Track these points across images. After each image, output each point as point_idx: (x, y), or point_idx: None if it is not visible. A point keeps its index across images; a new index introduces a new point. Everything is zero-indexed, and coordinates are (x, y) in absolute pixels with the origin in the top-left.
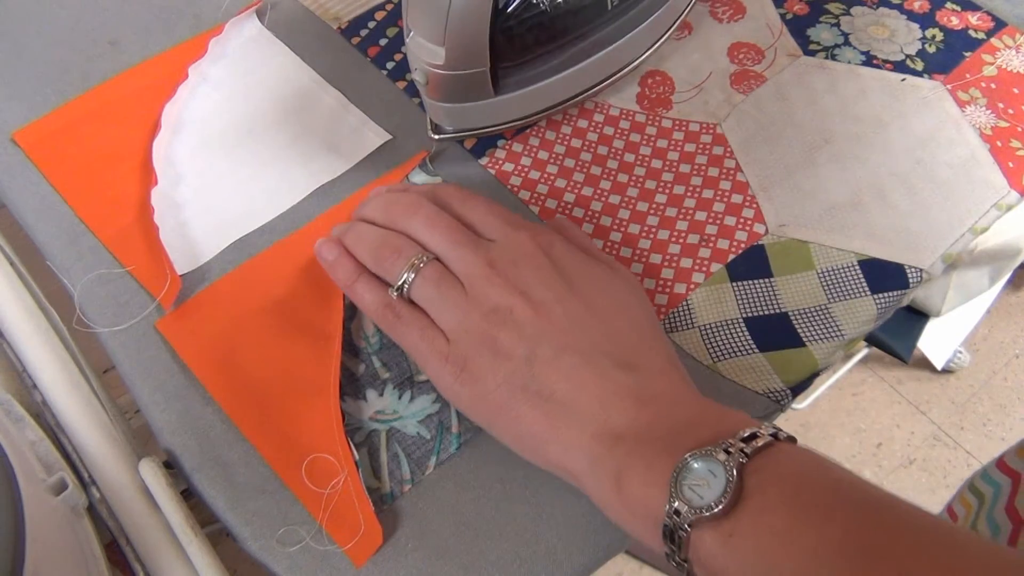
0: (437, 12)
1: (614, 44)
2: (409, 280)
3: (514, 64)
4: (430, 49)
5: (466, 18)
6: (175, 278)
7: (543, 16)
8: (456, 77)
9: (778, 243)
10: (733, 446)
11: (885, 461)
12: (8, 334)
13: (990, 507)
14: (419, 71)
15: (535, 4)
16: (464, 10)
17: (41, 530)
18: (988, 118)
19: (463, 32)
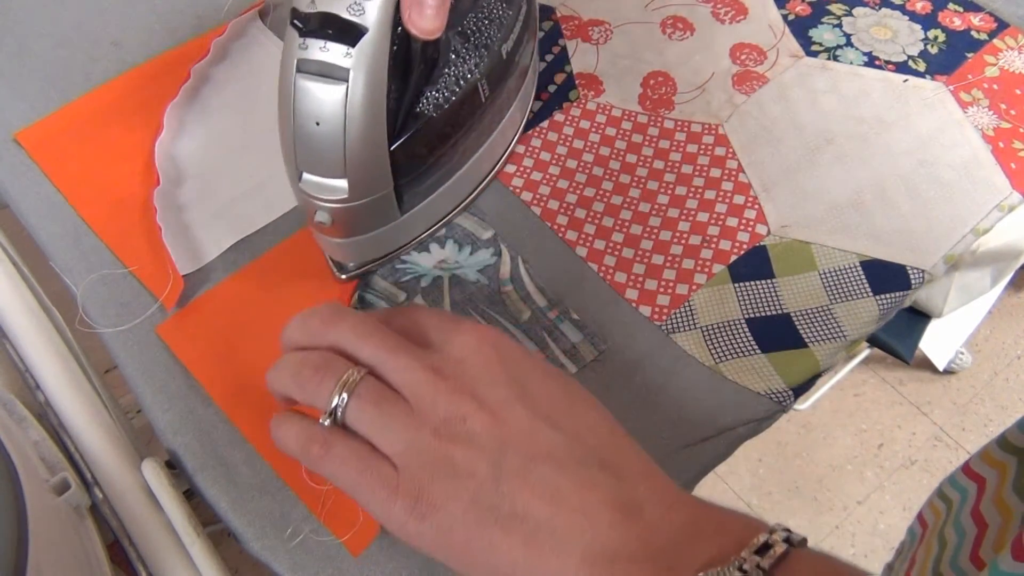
0: (332, 147)
1: (494, 132)
2: (343, 403)
3: (415, 176)
4: (331, 186)
5: (365, 143)
6: (177, 278)
7: (432, 121)
8: (362, 207)
9: (780, 244)
10: (747, 562)
11: (886, 462)
12: (11, 334)
13: (957, 512)
14: (322, 211)
15: (422, 112)
16: (362, 136)
17: (44, 530)
18: (990, 119)
19: (365, 158)
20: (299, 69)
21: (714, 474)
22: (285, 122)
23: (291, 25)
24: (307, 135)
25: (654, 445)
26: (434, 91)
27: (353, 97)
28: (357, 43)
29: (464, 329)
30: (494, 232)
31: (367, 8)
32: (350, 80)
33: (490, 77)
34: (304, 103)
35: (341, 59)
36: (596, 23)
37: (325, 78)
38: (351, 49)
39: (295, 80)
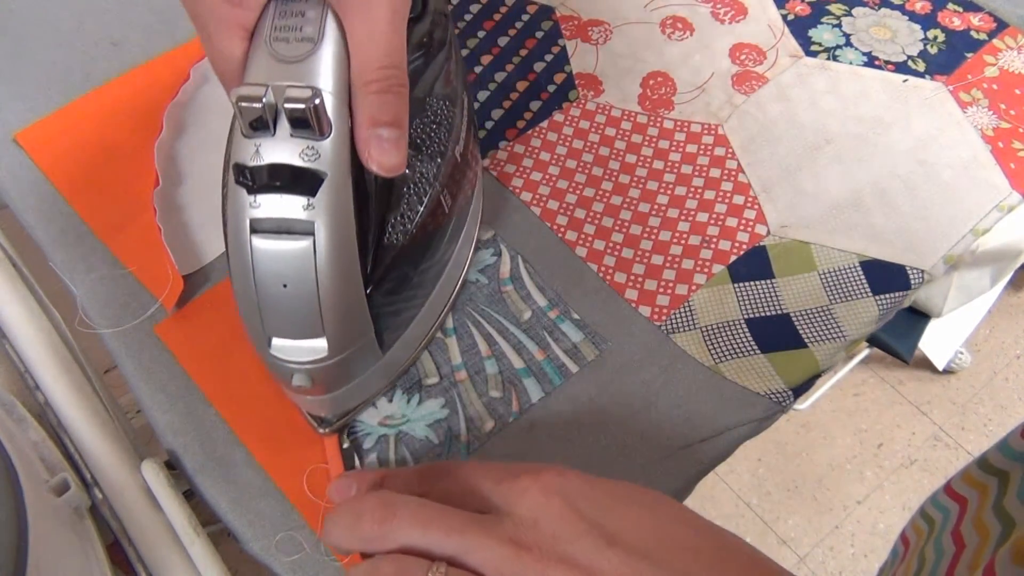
0: (305, 307)
1: (459, 238)
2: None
3: (393, 310)
4: (307, 347)
5: (341, 296)
6: (177, 279)
7: (403, 249)
8: (343, 360)
9: (780, 244)
10: None
11: (886, 462)
12: (10, 335)
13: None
14: (300, 375)
15: (391, 242)
16: (337, 290)
17: (44, 531)
18: (990, 119)
19: (342, 311)
20: (254, 229)
21: (714, 474)
22: (244, 287)
23: (237, 184)
24: (274, 299)
25: (654, 445)
26: (398, 216)
27: (322, 251)
28: (317, 191)
29: (523, 485)
30: (494, 232)
31: (322, 150)
32: (316, 233)
33: (450, 184)
34: (266, 266)
35: (301, 212)
36: (595, 23)
37: (285, 235)
38: (311, 199)
39: (250, 242)
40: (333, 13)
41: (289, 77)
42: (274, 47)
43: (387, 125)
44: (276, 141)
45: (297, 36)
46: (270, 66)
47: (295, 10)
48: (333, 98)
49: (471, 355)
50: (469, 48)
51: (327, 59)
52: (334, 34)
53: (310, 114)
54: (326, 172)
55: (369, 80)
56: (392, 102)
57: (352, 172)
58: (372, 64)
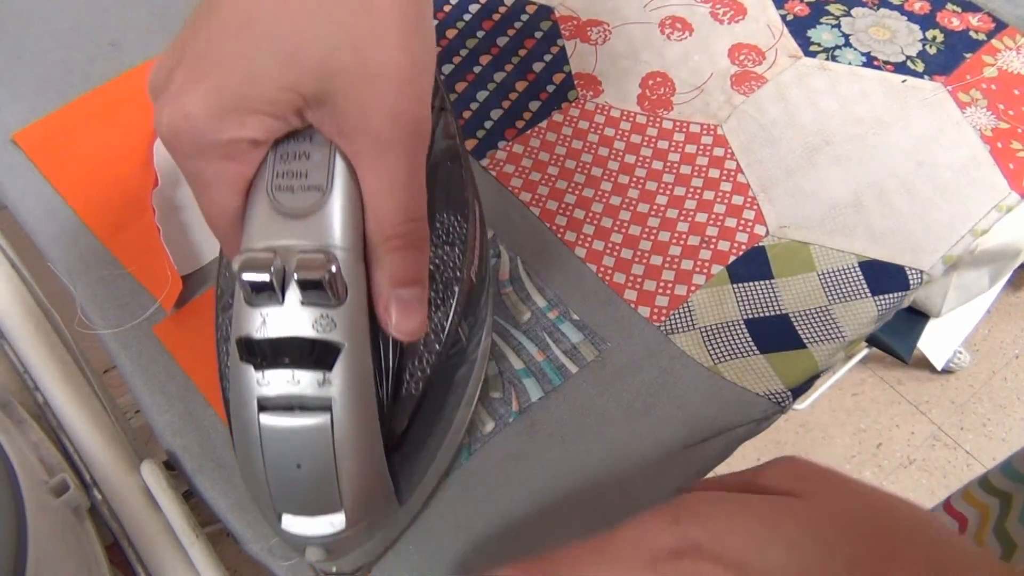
0: (322, 487)
1: (475, 365)
2: None
3: (412, 465)
4: (324, 522)
5: (361, 471)
6: (176, 279)
7: (421, 398)
8: (362, 527)
9: (779, 245)
10: None
11: (885, 461)
12: (9, 335)
13: None
14: (313, 549)
15: (408, 393)
16: (357, 466)
17: (43, 531)
18: (989, 119)
19: (362, 485)
20: (262, 407)
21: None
22: (251, 466)
23: (242, 361)
24: (286, 479)
25: (653, 445)
26: (415, 361)
27: (340, 428)
28: (334, 365)
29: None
30: (493, 233)
31: (337, 318)
32: (334, 409)
33: (466, 312)
34: (277, 445)
35: (317, 388)
36: (595, 23)
37: (299, 411)
38: (328, 373)
39: (259, 421)
40: (341, 155)
41: (297, 235)
42: (277, 198)
43: (408, 285)
44: (285, 310)
45: (303, 184)
46: (274, 222)
47: (298, 152)
48: (347, 255)
49: None
50: (468, 48)
51: (338, 211)
52: (344, 179)
53: (325, 283)
54: (343, 343)
55: (388, 236)
56: (414, 259)
57: (370, 337)
58: (391, 219)
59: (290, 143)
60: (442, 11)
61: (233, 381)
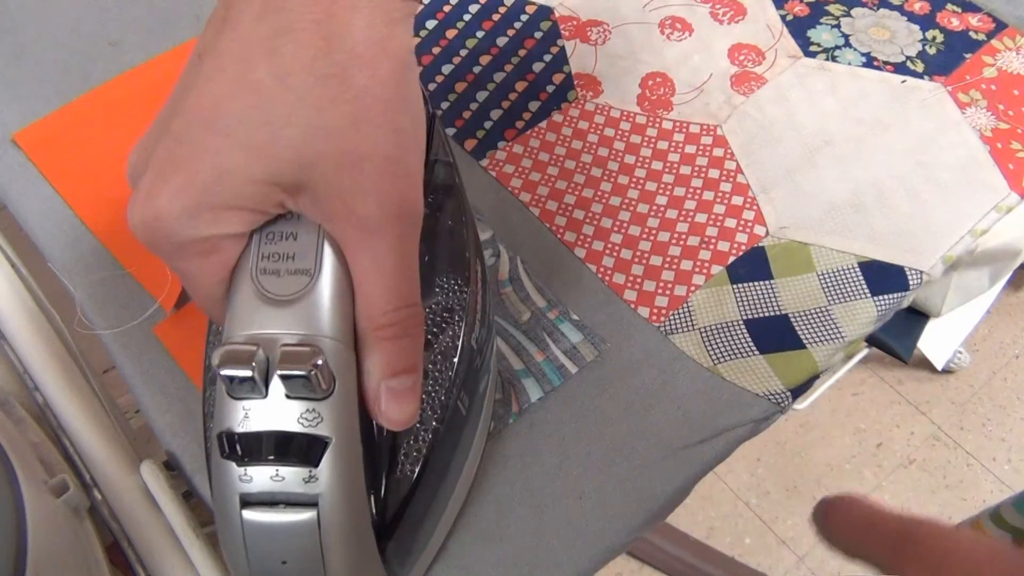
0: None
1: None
2: None
3: (405, 549)
4: None
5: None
6: (176, 280)
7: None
8: None
9: (778, 245)
10: None
11: (885, 461)
12: (9, 336)
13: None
14: None
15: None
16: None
17: (43, 532)
18: (988, 120)
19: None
20: (245, 503)
21: (713, 474)
22: (235, 560)
23: (223, 457)
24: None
25: (653, 446)
26: (410, 440)
27: (328, 525)
28: (320, 460)
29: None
30: (492, 232)
31: (324, 411)
32: (321, 505)
33: (465, 382)
34: (261, 543)
35: (302, 485)
36: (594, 23)
37: (284, 507)
38: (314, 470)
39: (241, 517)
40: (329, 237)
41: (282, 324)
42: (262, 283)
43: (401, 374)
44: (269, 404)
45: (289, 267)
46: (257, 310)
47: (285, 232)
48: (336, 345)
49: None
50: (468, 48)
51: (326, 297)
52: (332, 263)
53: (311, 376)
54: (330, 437)
55: (380, 325)
56: (407, 347)
57: (359, 428)
58: (381, 306)
59: (277, 223)
60: (442, 11)
61: (214, 475)
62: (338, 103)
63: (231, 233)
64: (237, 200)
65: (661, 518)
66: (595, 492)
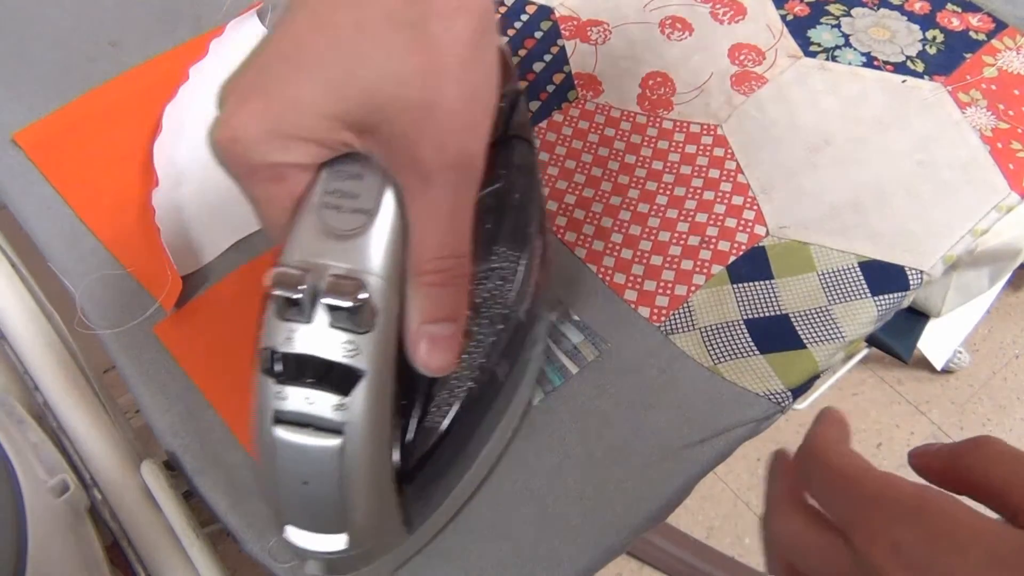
0: (326, 507)
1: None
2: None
3: (425, 497)
4: (326, 539)
5: (368, 496)
6: (176, 279)
7: (443, 433)
8: (364, 551)
9: (779, 245)
10: None
11: (885, 461)
12: (9, 336)
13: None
14: (314, 563)
15: (431, 427)
16: (364, 491)
17: (43, 532)
18: (989, 120)
19: (367, 510)
20: (278, 420)
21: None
22: (264, 474)
23: (263, 372)
24: (293, 493)
25: (653, 446)
26: (444, 393)
27: (350, 454)
28: (352, 391)
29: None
30: None
31: (363, 345)
32: (346, 434)
33: (509, 353)
34: (287, 460)
35: (331, 411)
36: (595, 23)
37: (313, 430)
38: (344, 399)
39: (273, 433)
40: (392, 182)
41: (335, 256)
42: (323, 216)
43: (441, 321)
44: (312, 329)
45: (351, 205)
46: (316, 239)
47: (351, 172)
48: (383, 283)
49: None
50: None
51: (381, 237)
52: (391, 206)
53: (356, 310)
54: (365, 370)
55: (426, 271)
56: (450, 296)
57: (395, 366)
58: (430, 253)
59: (345, 162)
60: None
61: (254, 389)
62: (412, 52)
63: (299, 163)
64: (307, 132)
65: (661, 518)
66: (595, 492)
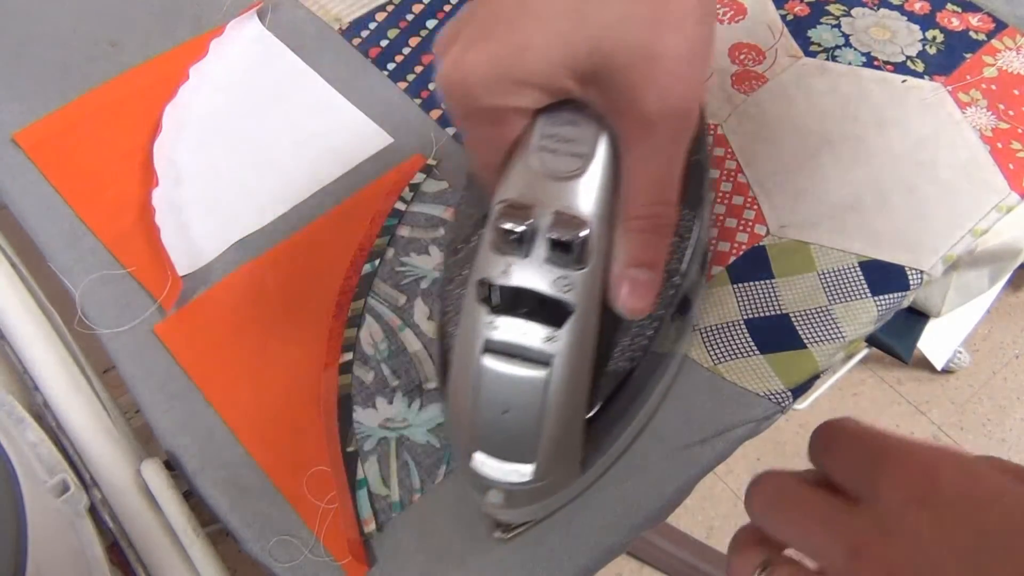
0: (522, 436)
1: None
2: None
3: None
4: (511, 469)
5: (562, 429)
6: (176, 279)
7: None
8: (545, 484)
9: (779, 244)
10: None
11: None
12: (9, 335)
13: None
14: (496, 492)
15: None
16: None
17: (43, 532)
18: (989, 120)
19: (558, 443)
20: (487, 349)
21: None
22: (460, 403)
23: (479, 301)
24: (491, 422)
25: (653, 446)
26: (628, 339)
27: (554, 386)
28: (563, 324)
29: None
30: None
31: (576, 282)
32: (553, 366)
33: (681, 307)
34: (491, 388)
35: (541, 343)
36: None
37: (520, 361)
38: (556, 331)
39: (481, 362)
40: (608, 129)
41: (552, 196)
42: (541, 157)
43: (644, 266)
44: (529, 264)
45: (567, 149)
46: (533, 180)
47: (568, 118)
48: (598, 224)
49: None
50: None
51: (596, 180)
52: (607, 152)
53: (575, 246)
54: (576, 305)
55: (637, 215)
56: (654, 243)
57: (600, 306)
58: (642, 198)
59: (562, 108)
60: (442, 11)
61: (465, 319)
62: (642, 3)
63: (521, 107)
64: (532, 77)
65: (661, 518)
66: (595, 491)
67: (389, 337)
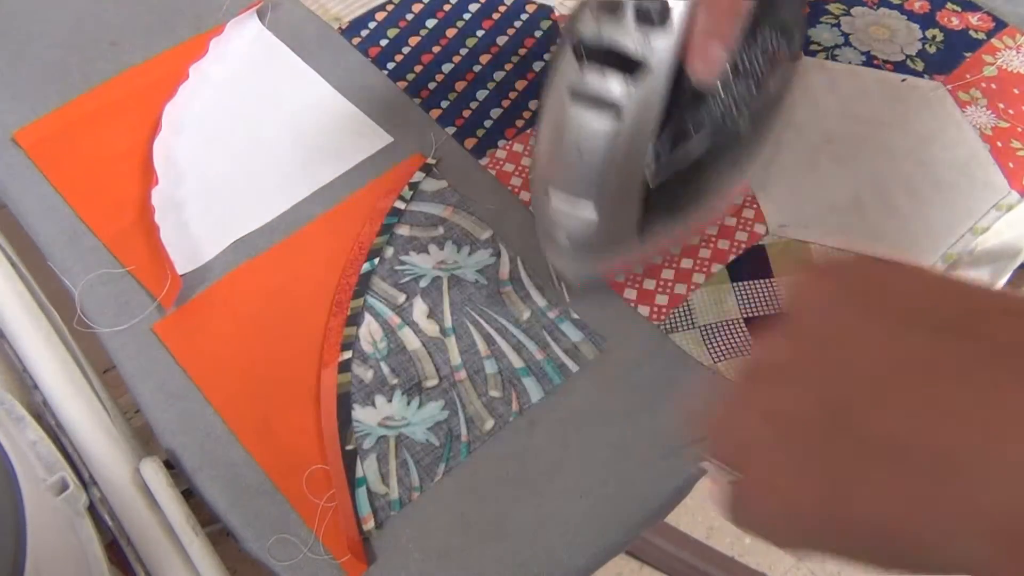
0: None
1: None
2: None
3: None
4: (581, 205)
5: (623, 177)
6: (175, 278)
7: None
8: (605, 232)
9: (779, 243)
10: None
11: None
12: (9, 334)
13: None
14: (563, 233)
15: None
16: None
17: (42, 530)
18: (988, 118)
19: (618, 188)
20: (572, 94)
21: None
22: (545, 145)
23: (572, 52)
24: (568, 160)
25: (653, 445)
26: (697, 127)
27: (623, 133)
28: (638, 80)
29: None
30: (492, 232)
31: (655, 45)
32: (623, 115)
33: (755, 116)
34: (571, 130)
35: (617, 94)
36: None
37: (596, 108)
38: (631, 85)
39: (566, 107)
40: None
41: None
42: None
43: (716, 38)
44: (618, 25)
45: None
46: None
47: None
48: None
49: (470, 355)
50: (468, 47)
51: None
52: None
53: (655, 13)
54: (652, 64)
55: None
56: (726, 21)
57: (673, 74)
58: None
59: None
60: (442, 10)
61: (556, 68)
62: None
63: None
64: None
65: (661, 518)
66: (595, 491)
67: (388, 335)
